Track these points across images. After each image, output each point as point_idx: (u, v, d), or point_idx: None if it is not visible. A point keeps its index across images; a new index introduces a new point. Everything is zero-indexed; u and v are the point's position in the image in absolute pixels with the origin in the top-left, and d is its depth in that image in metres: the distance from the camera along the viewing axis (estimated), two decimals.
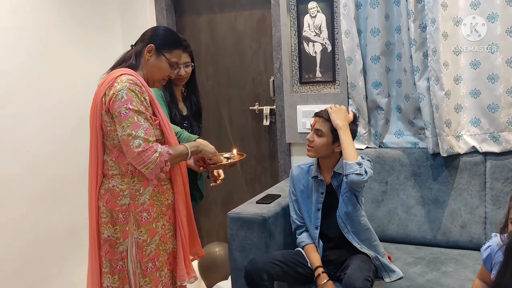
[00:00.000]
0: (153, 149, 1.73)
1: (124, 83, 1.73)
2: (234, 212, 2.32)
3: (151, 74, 1.88)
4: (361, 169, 1.98)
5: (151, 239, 1.84)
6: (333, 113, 2.09)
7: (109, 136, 1.81)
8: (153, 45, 1.86)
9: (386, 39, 2.59)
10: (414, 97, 2.53)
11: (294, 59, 2.91)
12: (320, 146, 2.11)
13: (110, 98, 1.74)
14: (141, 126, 1.72)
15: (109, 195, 1.83)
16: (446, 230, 2.44)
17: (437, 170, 2.47)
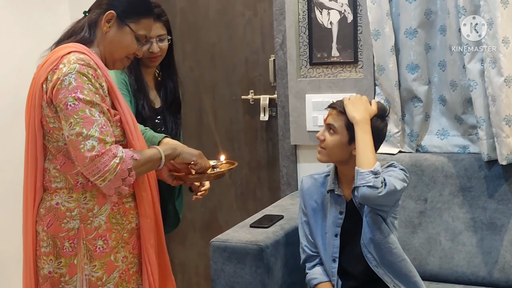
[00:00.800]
0: (112, 153, 1.71)
1: (73, 65, 1.72)
2: (219, 240, 2.32)
3: (111, 51, 1.88)
4: (376, 181, 1.97)
5: (108, 277, 1.83)
6: (350, 104, 2.10)
7: (52, 136, 1.79)
8: (114, 11, 1.84)
9: (425, 6, 2.61)
10: (463, 84, 2.54)
11: (303, 32, 2.92)
12: (333, 146, 2.12)
13: (53, 85, 1.72)
14: (95, 122, 1.71)
15: (52, 216, 1.81)
16: (506, 265, 2.45)
17: (493, 184, 2.49)
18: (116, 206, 1.85)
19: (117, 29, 1.86)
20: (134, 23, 1.87)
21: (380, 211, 2.10)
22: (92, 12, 1.88)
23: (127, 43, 1.88)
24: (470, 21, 2.45)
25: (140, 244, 1.92)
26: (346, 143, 2.12)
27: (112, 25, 1.86)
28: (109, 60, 1.89)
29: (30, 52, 3.00)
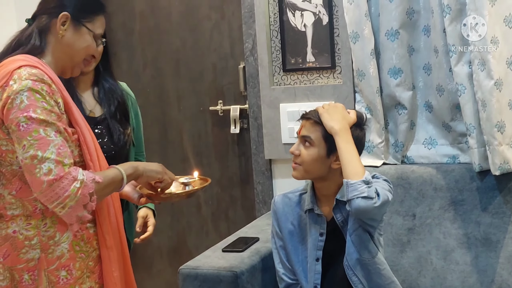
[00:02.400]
0: (71, 176, 1.69)
1: (24, 81, 1.70)
2: (189, 266, 2.32)
3: (69, 56, 1.88)
4: (370, 191, 1.98)
5: None
6: (325, 113, 2.10)
7: (5, 159, 1.78)
8: (67, 13, 1.85)
9: (407, 5, 2.64)
10: (451, 89, 2.57)
11: (274, 36, 2.93)
12: (310, 161, 2.12)
13: (4, 104, 1.70)
14: (51, 143, 1.69)
15: (9, 246, 1.79)
16: (503, 284, 2.47)
17: (487, 196, 2.52)
18: (79, 232, 1.83)
19: (73, 30, 1.86)
20: (89, 22, 1.89)
21: (370, 226, 2.11)
22: (40, 18, 1.87)
23: (87, 44, 1.89)
24: (470, 21, 2.44)
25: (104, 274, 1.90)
26: (324, 156, 2.12)
27: (68, 28, 1.85)
28: (67, 67, 1.89)
29: None
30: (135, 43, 3.33)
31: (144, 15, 3.31)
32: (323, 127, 2.09)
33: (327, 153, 2.11)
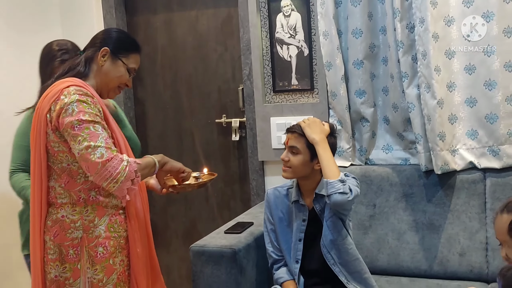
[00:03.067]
0: (119, 157, 1.72)
1: (73, 95, 1.73)
2: (198, 245, 2.31)
3: (106, 82, 1.90)
4: (344, 187, 2.01)
5: (107, 278, 1.82)
6: (307, 127, 2.12)
7: (56, 158, 1.79)
8: (108, 48, 1.87)
9: (370, 41, 2.64)
10: (403, 106, 2.57)
11: (266, 65, 2.94)
12: (297, 165, 2.13)
13: (57, 114, 1.73)
14: (100, 135, 1.72)
15: (58, 228, 1.81)
16: (443, 259, 2.47)
17: (431, 190, 2.52)
18: (113, 217, 1.84)
19: (111, 62, 1.89)
20: (125, 57, 1.90)
21: (343, 214, 2.12)
22: (88, 50, 1.91)
23: (120, 74, 1.90)
24: (470, 21, 2.40)
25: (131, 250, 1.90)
26: (308, 161, 2.13)
27: (107, 59, 1.88)
28: (104, 91, 1.90)
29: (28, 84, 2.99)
30: (157, 70, 3.34)
31: (164, 48, 3.31)
32: (306, 138, 2.11)
33: (310, 158, 2.12)
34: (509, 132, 2.47)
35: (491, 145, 2.49)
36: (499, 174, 2.46)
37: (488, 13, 2.42)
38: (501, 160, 2.47)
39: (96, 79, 1.88)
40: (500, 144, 2.47)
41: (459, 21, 2.47)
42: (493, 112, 2.47)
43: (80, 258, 1.80)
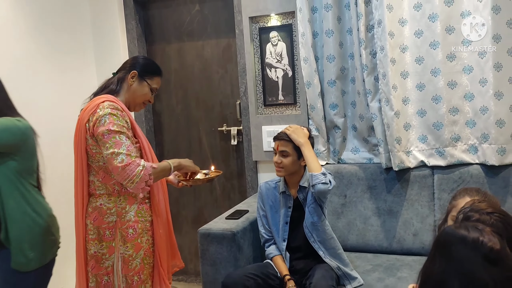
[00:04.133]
0: (136, 163, 1.72)
1: (106, 109, 1.74)
2: (204, 229, 2.31)
3: (133, 98, 1.90)
4: (326, 179, 2.02)
5: (136, 254, 1.83)
6: (292, 133, 2.12)
7: (94, 158, 1.80)
8: (136, 71, 1.89)
9: (341, 65, 2.65)
10: (368, 117, 2.58)
11: (258, 84, 2.94)
12: (288, 164, 2.13)
13: (93, 124, 1.74)
14: (123, 144, 1.73)
15: (97, 213, 1.82)
16: (400, 238, 2.49)
17: (390, 183, 2.53)
18: (141, 205, 1.86)
19: (138, 83, 1.90)
20: (149, 79, 1.92)
21: (322, 201, 2.13)
22: (120, 72, 1.93)
23: (145, 92, 1.92)
24: (470, 21, 2.32)
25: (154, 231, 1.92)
26: (296, 160, 2.14)
27: (135, 80, 1.90)
28: (131, 105, 1.92)
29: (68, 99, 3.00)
30: (171, 88, 3.35)
31: (176, 70, 3.31)
32: (292, 142, 2.11)
33: (297, 158, 2.13)
34: (451, 137, 2.48)
35: (437, 147, 2.50)
36: (444, 170, 2.47)
37: (434, 42, 2.44)
38: (445, 159, 2.48)
39: (125, 96, 1.89)
40: (445, 146, 2.48)
41: (412, 49, 2.49)
42: (439, 121, 2.48)
43: (115, 237, 1.82)
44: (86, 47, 3.22)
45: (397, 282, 2.13)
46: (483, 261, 1.08)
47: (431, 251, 1.19)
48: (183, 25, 3.25)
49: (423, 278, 1.17)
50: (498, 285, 1.08)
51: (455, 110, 2.46)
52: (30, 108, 2.76)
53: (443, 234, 1.16)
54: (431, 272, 1.15)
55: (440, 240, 1.17)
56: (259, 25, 2.89)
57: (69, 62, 3.07)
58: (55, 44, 2.96)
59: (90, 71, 3.22)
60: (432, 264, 1.16)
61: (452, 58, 2.43)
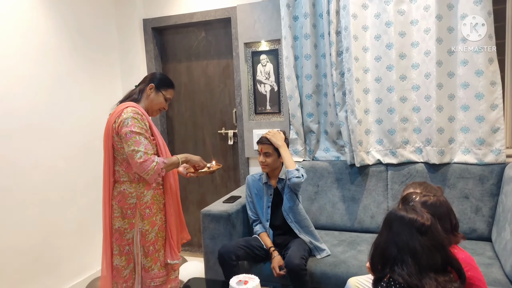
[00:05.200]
0: (151, 159, 1.73)
1: (129, 113, 1.75)
2: (205, 210, 2.31)
3: (151, 106, 1.89)
4: (299, 173, 2.02)
5: (152, 229, 1.83)
6: (272, 138, 2.12)
7: (119, 152, 1.80)
8: (153, 84, 1.88)
9: (316, 82, 2.65)
10: (337, 123, 2.59)
11: (251, 96, 2.94)
12: (271, 162, 2.14)
13: (118, 125, 1.75)
14: (142, 143, 1.73)
15: (121, 196, 1.81)
16: (360, 220, 2.50)
17: (353, 176, 2.54)
18: (156, 190, 1.85)
19: (155, 94, 1.89)
20: (165, 91, 1.91)
21: (297, 190, 2.13)
22: (140, 84, 1.92)
23: (160, 101, 1.91)
24: (470, 21, 2.21)
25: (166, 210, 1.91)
26: (277, 158, 2.14)
27: (152, 91, 1.89)
28: (150, 111, 1.91)
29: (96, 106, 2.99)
30: (181, 98, 3.34)
31: (186, 84, 3.29)
32: (272, 145, 2.11)
33: (277, 156, 2.13)
34: (402, 140, 2.50)
35: (391, 148, 2.51)
36: (395, 167, 2.48)
37: (390, 65, 2.46)
38: (397, 158, 2.50)
39: (145, 103, 1.89)
40: (396, 148, 2.50)
41: (372, 70, 2.50)
42: (392, 128, 2.49)
43: (135, 216, 1.81)
44: (114, 63, 3.20)
45: (357, 254, 2.16)
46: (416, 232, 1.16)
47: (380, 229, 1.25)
48: (191, 48, 3.24)
49: (373, 248, 1.24)
50: (425, 249, 1.15)
51: (405, 119, 2.48)
52: (72, 112, 2.77)
53: (388, 214, 1.23)
54: (378, 242, 1.23)
55: (385, 219, 1.24)
56: (252, 49, 2.89)
57: (101, 75, 3.05)
58: (91, 60, 2.96)
59: (116, 83, 3.21)
60: (380, 237, 1.23)
61: (404, 78, 2.45)
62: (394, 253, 1.16)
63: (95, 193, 2.86)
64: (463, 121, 2.37)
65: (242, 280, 1.55)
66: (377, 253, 1.22)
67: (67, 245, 2.74)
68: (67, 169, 2.75)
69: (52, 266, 2.62)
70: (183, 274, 2.59)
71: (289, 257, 1.96)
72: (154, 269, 1.85)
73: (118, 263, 1.83)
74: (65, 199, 2.73)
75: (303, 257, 1.96)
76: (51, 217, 2.63)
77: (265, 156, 2.14)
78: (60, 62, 2.72)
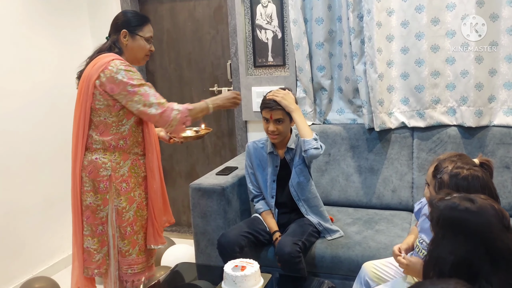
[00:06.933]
0: (170, 107, 1.79)
1: (120, 66, 1.74)
2: (195, 183, 2.32)
3: (134, 55, 1.87)
4: (317, 144, 2.01)
5: (129, 206, 1.85)
6: (283, 100, 2.06)
7: (96, 113, 1.79)
8: (125, 30, 1.84)
9: (329, 27, 2.61)
10: (353, 79, 2.57)
11: (249, 45, 2.89)
12: (284, 130, 2.10)
13: (107, 80, 1.73)
14: (150, 94, 1.77)
15: (92, 167, 1.82)
16: (380, 194, 2.52)
17: (372, 143, 2.54)
18: (134, 161, 1.86)
19: (132, 40, 1.86)
20: (140, 31, 1.87)
21: (310, 162, 2.13)
22: (112, 36, 1.88)
23: (142, 45, 1.88)
24: (470, 21, 2.28)
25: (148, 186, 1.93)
26: (289, 124, 2.12)
27: (128, 39, 1.85)
28: (135, 62, 1.89)
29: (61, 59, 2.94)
30: (164, 48, 3.29)
31: (169, 31, 3.24)
32: (283, 109, 2.06)
33: (290, 121, 2.10)
34: (432, 99, 2.48)
35: (418, 109, 2.50)
36: (423, 131, 2.48)
37: (420, 6, 2.40)
38: (425, 120, 2.49)
39: (126, 55, 1.86)
40: (425, 108, 2.49)
41: (398, 12, 2.44)
42: (421, 84, 2.47)
43: (109, 190, 1.83)
44: (79, 5, 3.12)
45: (374, 234, 2.19)
46: (503, 228, 1.01)
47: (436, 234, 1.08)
48: None
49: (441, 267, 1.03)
50: None
51: (436, 73, 2.45)
52: (27, 65, 2.72)
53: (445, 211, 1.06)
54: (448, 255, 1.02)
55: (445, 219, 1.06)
56: None
57: (63, 20, 2.99)
58: (50, 3, 2.87)
59: (84, 31, 3.15)
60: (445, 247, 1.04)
61: (436, 22, 2.40)
62: (486, 265, 0.99)
63: (63, 163, 2.86)
64: (507, 75, 2.34)
65: (239, 265, 1.58)
66: (455, 270, 1.01)
67: (33, 225, 2.78)
68: (28, 135, 2.75)
69: (16, 249, 2.68)
70: (170, 259, 2.65)
71: (280, 244, 1.97)
72: (132, 254, 1.88)
73: (90, 245, 1.86)
74: (28, 171, 2.74)
75: (297, 243, 1.96)
76: (12, 192, 2.65)
77: (276, 123, 2.08)
78: (12, 7, 2.63)
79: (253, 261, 1.64)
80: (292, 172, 2.15)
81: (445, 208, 1.07)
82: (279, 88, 2.16)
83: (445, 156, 1.52)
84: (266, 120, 2.10)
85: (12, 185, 2.64)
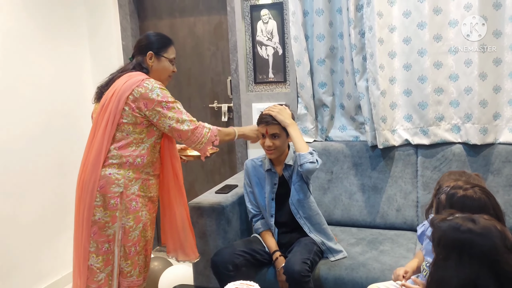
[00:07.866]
0: (202, 125, 1.87)
1: (155, 84, 1.82)
2: (194, 202, 2.31)
3: (158, 76, 1.93)
4: (313, 158, 2.01)
5: (136, 226, 1.86)
6: (278, 115, 2.08)
7: (120, 128, 1.82)
8: (151, 52, 1.91)
9: (330, 44, 2.62)
10: (355, 95, 2.57)
11: (249, 61, 2.91)
12: (280, 145, 2.11)
13: (142, 97, 1.78)
14: (183, 112, 1.84)
15: (104, 182, 1.82)
16: (384, 214, 2.51)
17: (375, 161, 2.53)
18: (145, 181, 1.89)
19: (157, 61, 1.93)
20: (165, 53, 1.94)
21: (307, 178, 2.13)
22: (137, 56, 1.94)
23: (166, 67, 1.95)
24: (470, 21, 2.28)
25: (153, 207, 1.95)
26: (285, 139, 2.13)
27: (154, 60, 1.92)
28: (160, 82, 1.92)
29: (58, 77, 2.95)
30: None
31: None
32: (279, 124, 2.08)
33: (286, 137, 2.11)
34: (436, 116, 2.49)
35: (422, 126, 2.50)
36: (427, 149, 2.48)
37: (422, 22, 2.42)
38: (429, 138, 2.49)
39: (151, 76, 1.91)
40: (429, 125, 2.49)
41: (400, 29, 2.46)
42: (424, 101, 2.48)
43: (119, 207, 1.83)
44: (79, 21, 3.15)
45: (379, 255, 2.17)
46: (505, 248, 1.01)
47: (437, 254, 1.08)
48: (175, 2, 3.19)
49: None
50: None
51: (439, 90, 2.46)
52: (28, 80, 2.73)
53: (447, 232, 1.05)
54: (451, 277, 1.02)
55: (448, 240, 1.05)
56: (250, 2, 2.84)
57: (62, 36, 3.01)
58: (48, 17, 2.90)
59: (83, 45, 3.17)
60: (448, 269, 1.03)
61: (439, 38, 2.42)
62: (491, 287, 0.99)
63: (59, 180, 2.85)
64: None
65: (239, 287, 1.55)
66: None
67: (25, 245, 2.74)
68: (24, 151, 2.73)
69: (6, 271, 2.63)
70: (167, 280, 2.61)
71: (289, 262, 1.96)
72: (133, 275, 1.88)
73: (93, 263, 1.84)
74: (22, 188, 2.73)
75: (306, 261, 1.95)
76: (5, 209, 2.62)
77: (272, 138, 2.10)
78: (12, 20, 2.66)
79: (254, 283, 1.62)
80: (291, 189, 2.14)
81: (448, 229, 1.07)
82: (277, 104, 2.18)
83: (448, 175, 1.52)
84: (263, 135, 2.13)
85: (5, 202, 2.62)
